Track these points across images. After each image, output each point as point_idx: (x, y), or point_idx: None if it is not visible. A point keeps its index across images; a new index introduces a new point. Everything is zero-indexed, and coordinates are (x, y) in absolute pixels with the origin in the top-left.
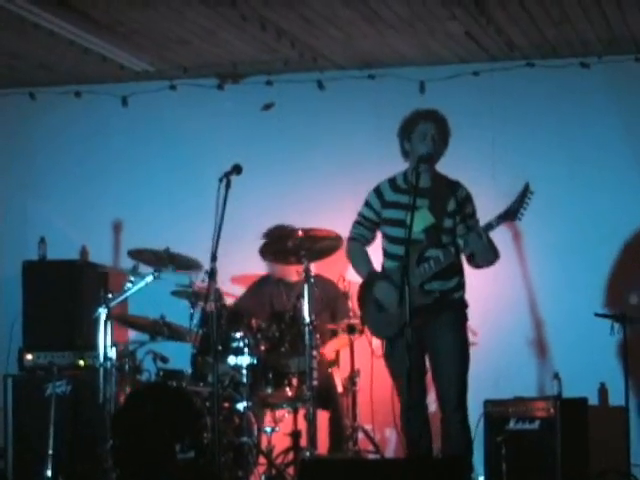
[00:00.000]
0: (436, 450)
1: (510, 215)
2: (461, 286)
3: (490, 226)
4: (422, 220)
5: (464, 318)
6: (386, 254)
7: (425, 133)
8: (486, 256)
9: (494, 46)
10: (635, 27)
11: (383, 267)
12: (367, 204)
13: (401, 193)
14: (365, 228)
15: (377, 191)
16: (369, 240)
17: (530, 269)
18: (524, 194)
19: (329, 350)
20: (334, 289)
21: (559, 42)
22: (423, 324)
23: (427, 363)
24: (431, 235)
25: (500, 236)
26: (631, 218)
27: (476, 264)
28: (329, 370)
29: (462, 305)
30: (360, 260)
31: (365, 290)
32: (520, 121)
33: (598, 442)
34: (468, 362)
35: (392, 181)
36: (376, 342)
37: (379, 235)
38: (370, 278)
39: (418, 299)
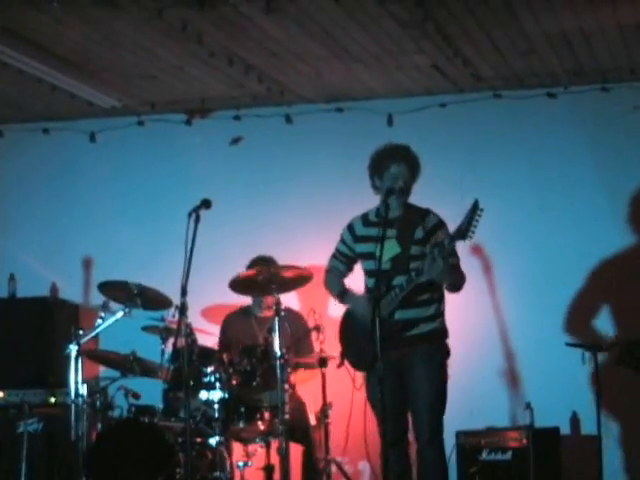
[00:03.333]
0: None
1: (461, 234)
2: (439, 314)
3: (443, 247)
4: (389, 250)
5: (441, 350)
6: (365, 287)
7: (397, 176)
8: (446, 279)
9: (461, 78)
10: (601, 57)
11: None
12: (341, 239)
13: (371, 227)
14: (339, 261)
15: (349, 227)
16: (343, 273)
17: (501, 300)
18: (474, 211)
19: (300, 379)
20: (302, 324)
21: (526, 73)
22: (399, 357)
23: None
24: (397, 264)
25: (471, 267)
26: (601, 247)
27: (446, 289)
28: (302, 403)
29: (440, 336)
30: (332, 284)
31: (344, 324)
32: (488, 151)
33: (571, 471)
34: (443, 397)
35: (364, 216)
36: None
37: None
38: (342, 294)
39: (387, 328)
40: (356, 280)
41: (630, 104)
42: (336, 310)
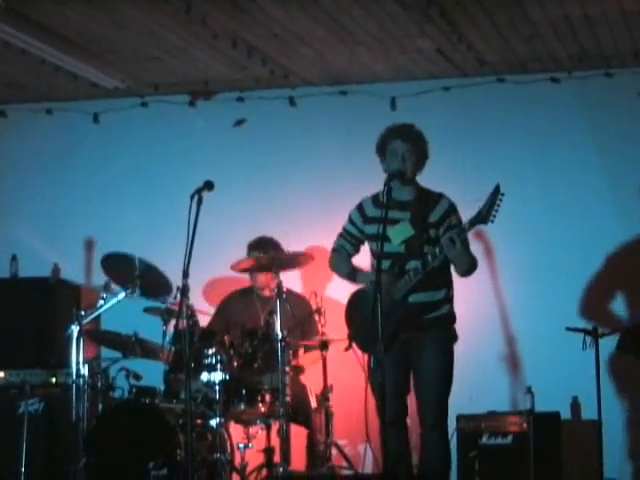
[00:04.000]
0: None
1: (482, 217)
2: (449, 299)
3: (462, 230)
4: (402, 233)
5: (450, 335)
6: (372, 269)
7: (395, 151)
8: (463, 261)
9: (465, 62)
10: (604, 42)
11: None
12: (350, 219)
13: (382, 208)
14: (347, 241)
15: (359, 207)
16: (350, 253)
17: (502, 284)
18: (495, 195)
19: (310, 360)
20: (305, 306)
21: (529, 58)
22: (408, 340)
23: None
24: (411, 247)
25: (472, 251)
26: (603, 232)
27: (457, 272)
28: (303, 385)
29: (449, 321)
30: (341, 265)
31: (352, 306)
32: (491, 136)
33: (571, 456)
34: (449, 382)
35: (375, 197)
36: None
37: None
38: (353, 273)
39: (401, 311)
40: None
41: (634, 90)
42: (337, 292)
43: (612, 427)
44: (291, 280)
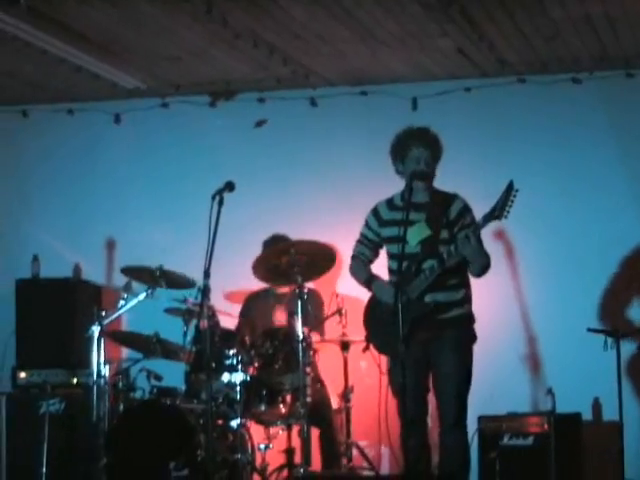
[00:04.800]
0: (433, 464)
1: (495, 214)
2: (467, 299)
3: (477, 227)
4: (418, 233)
5: (469, 335)
6: (389, 271)
7: (419, 158)
8: (477, 259)
9: (486, 62)
10: (625, 43)
11: None
12: (366, 224)
13: (397, 211)
14: (365, 247)
15: (374, 211)
16: (370, 259)
17: (523, 284)
18: (508, 192)
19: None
20: (318, 299)
21: (550, 58)
22: (427, 340)
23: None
24: (427, 247)
25: (493, 252)
26: (623, 233)
27: (472, 272)
28: (323, 386)
29: (468, 321)
30: (359, 272)
31: (369, 308)
32: (512, 137)
33: (592, 457)
34: (469, 381)
35: (389, 201)
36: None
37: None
38: (369, 281)
39: (416, 310)
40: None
41: None
42: (351, 289)
43: (633, 428)
44: None
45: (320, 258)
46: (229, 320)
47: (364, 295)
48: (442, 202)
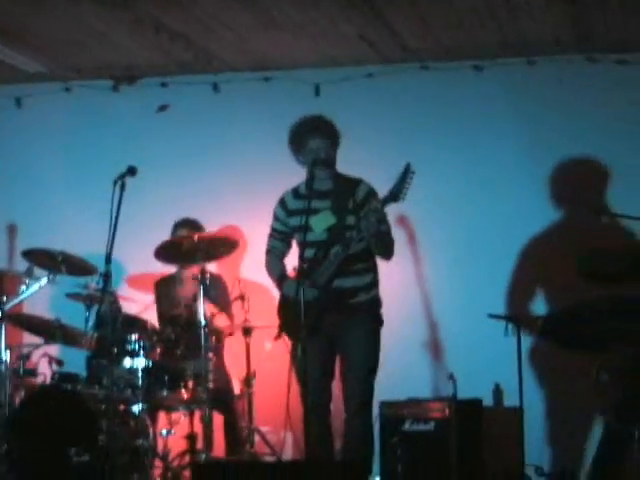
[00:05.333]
0: (335, 450)
1: (393, 196)
2: (374, 284)
3: (377, 209)
4: (324, 221)
5: (377, 319)
6: (299, 259)
7: (317, 148)
8: (381, 241)
9: (388, 49)
10: (527, 30)
11: None
12: (275, 217)
13: (303, 199)
14: (277, 240)
15: (281, 202)
16: (283, 251)
17: (425, 271)
18: (405, 174)
19: None
20: (221, 284)
21: (452, 45)
22: (335, 324)
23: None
24: (333, 234)
25: (395, 238)
26: (526, 220)
27: (378, 253)
28: (226, 372)
29: (375, 305)
30: (274, 268)
31: (282, 298)
32: (414, 123)
33: (493, 442)
34: (375, 365)
35: (295, 190)
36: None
37: None
38: (280, 280)
39: (324, 296)
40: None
41: (555, 77)
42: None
43: (533, 414)
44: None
45: (222, 243)
46: (131, 305)
47: (267, 281)
48: (347, 188)
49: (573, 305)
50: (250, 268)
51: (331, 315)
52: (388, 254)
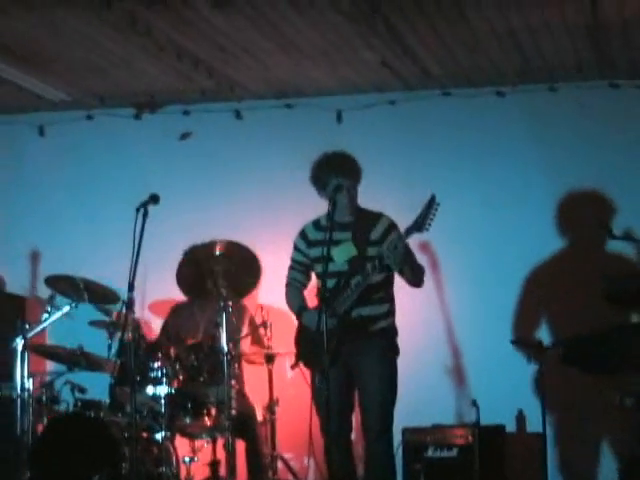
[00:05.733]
0: (358, 476)
1: (417, 226)
2: (390, 313)
3: (400, 238)
4: (345, 252)
5: (392, 347)
6: (317, 292)
7: (340, 186)
8: (407, 267)
9: (410, 75)
10: (549, 57)
11: None
12: (295, 248)
13: (324, 230)
14: (297, 272)
15: (302, 233)
16: (304, 283)
17: (447, 297)
18: (430, 205)
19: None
20: (246, 313)
21: (474, 71)
22: (351, 353)
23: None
24: (354, 265)
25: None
26: (543, 248)
27: (408, 280)
28: (248, 399)
29: (391, 334)
30: (294, 300)
31: (300, 328)
32: (436, 149)
33: (516, 469)
34: (393, 392)
35: (316, 222)
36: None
37: None
38: (300, 312)
39: (342, 325)
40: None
41: (577, 103)
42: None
43: (556, 439)
44: None
45: (244, 273)
46: (154, 333)
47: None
48: (368, 221)
49: (596, 331)
50: (270, 296)
51: (349, 343)
52: (419, 281)
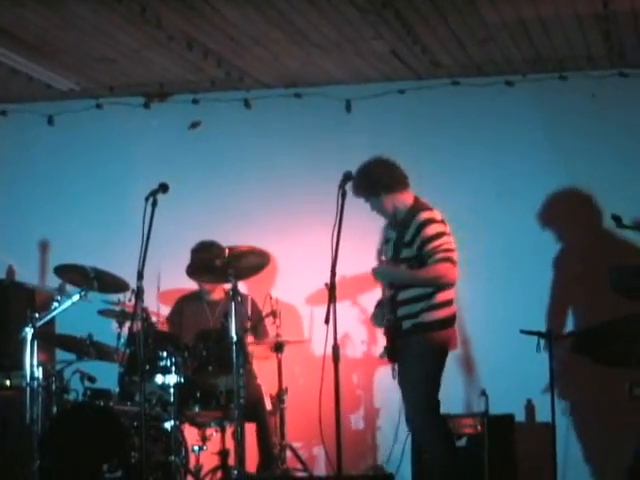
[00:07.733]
0: (367, 465)
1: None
2: (426, 309)
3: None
4: (389, 251)
5: (423, 340)
6: None
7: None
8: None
9: (419, 65)
10: (558, 46)
11: None
12: None
13: (386, 228)
14: None
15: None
16: None
17: (457, 287)
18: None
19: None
20: (255, 307)
21: (484, 61)
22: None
23: None
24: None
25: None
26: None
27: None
28: (258, 388)
29: (423, 329)
30: None
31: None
32: (446, 138)
33: (525, 458)
34: (423, 380)
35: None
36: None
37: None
38: None
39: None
40: None
41: (587, 92)
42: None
43: (565, 429)
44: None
45: (253, 259)
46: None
47: (296, 301)
48: (406, 221)
49: (607, 321)
50: (280, 290)
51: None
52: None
